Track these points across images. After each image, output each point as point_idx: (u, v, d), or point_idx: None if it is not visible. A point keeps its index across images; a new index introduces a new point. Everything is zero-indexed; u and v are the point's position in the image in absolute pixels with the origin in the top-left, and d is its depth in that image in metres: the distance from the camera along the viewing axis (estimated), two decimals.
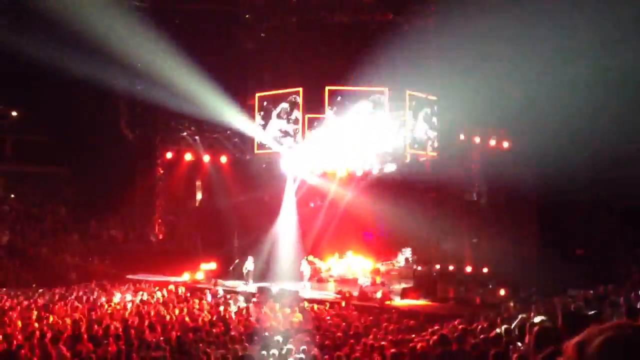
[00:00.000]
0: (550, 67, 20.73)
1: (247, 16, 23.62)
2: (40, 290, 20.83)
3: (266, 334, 12.52)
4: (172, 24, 25.23)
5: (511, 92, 22.10)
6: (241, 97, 25.20)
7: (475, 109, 21.64)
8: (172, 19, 25.14)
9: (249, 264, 23.07)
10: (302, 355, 9.96)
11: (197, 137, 25.97)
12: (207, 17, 24.48)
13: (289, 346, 10.55)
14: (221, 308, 17.23)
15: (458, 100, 21.89)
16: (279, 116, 22.86)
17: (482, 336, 8.85)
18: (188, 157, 26.12)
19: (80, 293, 19.67)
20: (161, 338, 11.75)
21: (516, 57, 21.13)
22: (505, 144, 22.75)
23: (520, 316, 9.49)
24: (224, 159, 26.09)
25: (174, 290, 20.82)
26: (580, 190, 22.12)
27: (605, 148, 19.78)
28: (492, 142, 22.57)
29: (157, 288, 20.99)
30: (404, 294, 20.35)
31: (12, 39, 22.87)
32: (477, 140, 22.52)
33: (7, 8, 23.74)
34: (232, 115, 23.98)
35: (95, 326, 12.96)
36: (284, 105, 22.65)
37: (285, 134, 22.74)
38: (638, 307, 9.20)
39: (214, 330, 13.17)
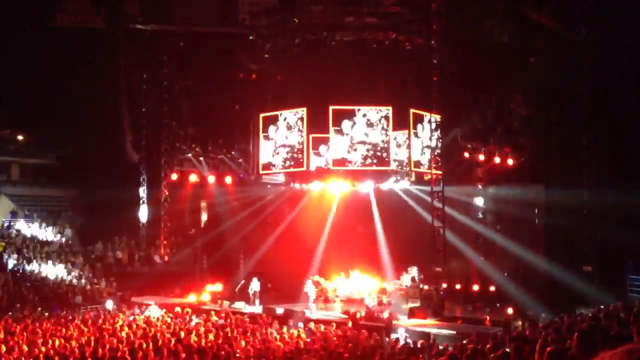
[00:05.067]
0: None
1: (250, 38, 23.78)
2: (46, 314, 20.78)
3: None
4: (176, 46, 25.51)
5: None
6: (245, 117, 25.35)
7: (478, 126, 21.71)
8: (176, 41, 25.39)
9: (255, 285, 22.98)
10: None
11: (201, 158, 26.03)
12: (210, 39, 24.67)
13: None
14: (227, 330, 17.13)
15: (461, 118, 21.95)
16: (282, 136, 22.90)
17: (491, 355, 8.76)
18: (193, 178, 26.12)
19: (86, 316, 19.61)
20: None
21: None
22: (510, 161, 22.72)
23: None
24: (228, 180, 26.11)
25: (180, 312, 20.72)
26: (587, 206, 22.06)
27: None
28: (497, 160, 22.54)
29: (163, 310, 20.90)
30: (411, 313, 20.21)
31: (20, 64, 23.22)
32: (481, 157, 22.50)
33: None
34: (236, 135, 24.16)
35: (101, 350, 12.89)
36: (288, 124, 22.70)
37: (289, 153, 22.75)
38: None
39: (221, 352, 13.06)
